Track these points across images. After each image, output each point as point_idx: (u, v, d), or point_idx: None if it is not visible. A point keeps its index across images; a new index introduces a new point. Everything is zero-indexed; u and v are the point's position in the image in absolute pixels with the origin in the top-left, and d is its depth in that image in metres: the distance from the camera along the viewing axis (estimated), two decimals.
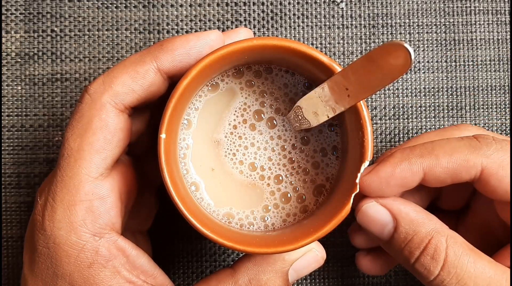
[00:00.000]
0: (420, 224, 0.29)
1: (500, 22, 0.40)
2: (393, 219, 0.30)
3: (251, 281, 0.30)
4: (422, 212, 0.30)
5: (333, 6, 0.39)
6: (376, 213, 0.30)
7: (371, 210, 0.30)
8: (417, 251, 0.29)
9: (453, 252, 0.28)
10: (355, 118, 0.29)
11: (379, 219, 0.30)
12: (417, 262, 0.29)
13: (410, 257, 0.29)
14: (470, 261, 0.28)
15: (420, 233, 0.29)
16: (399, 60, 0.25)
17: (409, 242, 0.29)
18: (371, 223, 0.30)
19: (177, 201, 0.28)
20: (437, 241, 0.29)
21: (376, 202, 0.30)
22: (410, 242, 0.29)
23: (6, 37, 0.39)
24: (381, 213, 0.30)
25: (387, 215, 0.30)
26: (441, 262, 0.28)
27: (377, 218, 0.30)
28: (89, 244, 0.27)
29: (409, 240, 0.29)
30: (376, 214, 0.30)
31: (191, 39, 0.29)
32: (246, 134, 0.32)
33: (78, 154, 0.28)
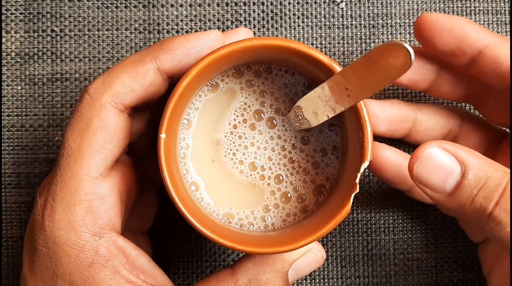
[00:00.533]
0: (491, 167, 0.26)
1: (500, 22, 0.40)
2: (460, 165, 0.26)
3: (250, 281, 0.30)
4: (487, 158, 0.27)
5: (333, 6, 0.39)
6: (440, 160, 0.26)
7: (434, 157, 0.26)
8: (496, 195, 0.25)
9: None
10: (355, 118, 0.29)
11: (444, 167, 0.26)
12: (497, 206, 0.25)
13: (486, 204, 0.25)
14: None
15: (494, 175, 0.26)
16: (399, 60, 0.25)
17: (483, 187, 0.26)
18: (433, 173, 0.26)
19: (177, 201, 0.28)
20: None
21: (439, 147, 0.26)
22: (484, 187, 0.26)
23: (6, 37, 0.39)
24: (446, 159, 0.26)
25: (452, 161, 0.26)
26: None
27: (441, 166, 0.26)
28: (89, 244, 0.27)
29: (482, 184, 0.26)
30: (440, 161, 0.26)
31: (191, 39, 0.29)
32: (246, 133, 0.32)
33: (78, 154, 0.28)
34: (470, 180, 0.26)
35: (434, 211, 0.39)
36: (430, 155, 0.27)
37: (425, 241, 0.39)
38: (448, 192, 0.27)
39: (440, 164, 0.26)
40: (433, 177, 0.27)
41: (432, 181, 0.27)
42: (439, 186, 0.27)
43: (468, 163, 0.26)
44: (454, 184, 0.26)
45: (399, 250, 0.39)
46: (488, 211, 0.26)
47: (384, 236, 0.39)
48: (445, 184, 0.26)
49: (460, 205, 0.27)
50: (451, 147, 0.27)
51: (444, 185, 0.27)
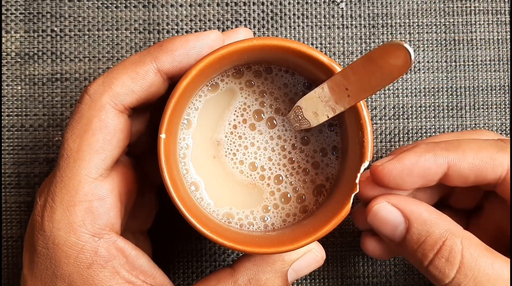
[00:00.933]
0: (434, 225, 0.28)
1: (500, 22, 0.40)
2: (405, 220, 0.29)
3: (250, 281, 0.30)
4: (435, 212, 0.29)
5: (333, 6, 0.39)
6: (388, 214, 0.29)
7: (382, 211, 0.29)
8: (431, 253, 0.28)
9: (469, 254, 0.27)
10: (355, 118, 0.29)
11: (391, 220, 0.29)
12: (431, 264, 0.28)
13: (423, 260, 0.28)
14: (488, 263, 0.27)
15: (434, 234, 0.28)
16: (399, 60, 0.25)
17: (422, 244, 0.28)
18: (383, 224, 0.29)
19: (177, 201, 0.28)
20: (452, 242, 0.28)
21: (388, 202, 0.29)
22: (423, 244, 0.28)
23: (6, 37, 0.39)
24: (393, 214, 0.29)
25: (398, 215, 0.29)
26: (457, 264, 0.27)
27: (389, 219, 0.29)
28: (89, 245, 0.27)
29: (422, 241, 0.28)
30: (388, 214, 0.29)
31: (191, 39, 0.29)
32: (246, 133, 0.32)
33: (77, 155, 0.28)
34: (412, 236, 0.28)
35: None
36: (379, 209, 0.29)
37: None
38: (397, 242, 0.29)
39: (388, 218, 0.29)
40: (383, 228, 0.29)
41: (383, 232, 0.29)
42: (389, 236, 0.29)
43: (412, 219, 0.28)
44: (401, 237, 0.29)
45: None
46: (424, 265, 0.28)
47: None
48: (394, 235, 0.29)
49: (406, 254, 0.29)
50: (400, 201, 0.29)
51: (393, 236, 0.29)
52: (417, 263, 0.29)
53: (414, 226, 0.28)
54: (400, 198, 0.29)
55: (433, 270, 0.28)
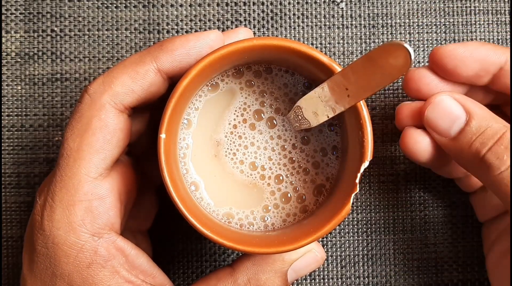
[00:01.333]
0: (493, 120, 0.29)
1: (500, 22, 0.40)
2: (466, 113, 0.29)
3: (250, 281, 0.30)
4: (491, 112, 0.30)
5: (333, 6, 0.39)
6: (450, 106, 0.30)
7: (444, 103, 0.30)
8: (491, 141, 0.28)
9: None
10: (355, 118, 0.29)
11: (451, 113, 0.30)
12: (490, 151, 0.28)
13: (481, 148, 0.29)
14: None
15: (493, 126, 0.29)
16: (399, 60, 0.25)
17: (482, 134, 0.29)
18: (442, 118, 0.30)
19: (177, 201, 0.28)
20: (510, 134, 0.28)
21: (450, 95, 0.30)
22: (483, 134, 0.29)
23: (6, 37, 0.39)
24: (454, 106, 0.30)
25: (460, 108, 0.30)
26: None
27: (450, 111, 0.30)
28: (88, 244, 0.27)
29: (482, 132, 0.29)
30: (449, 107, 0.30)
31: (191, 39, 0.29)
32: (246, 133, 0.32)
33: (77, 154, 0.28)
34: (472, 127, 0.29)
35: (434, 211, 0.39)
36: (441, 102, 0.30)
37: (425, 241, 0.39)
38: (452, 136, 0.30)
39: (449, 111, 0.30)
40: (441, 122, 0.30)
41: (440, 125, 0.30)
42: (445, 130, 0.30)
43: (473, 113, 0.29)
44: (458, 130, 0.30)
45: (399, 250, 0.39)
46: (481, 154, 0.29)
47: (384, 236, 0.39)
48: (451, 129, 0.30)
49: (459, 149, 0.30)
50: (461, 97, 0.30)
51: (449, 130, 0.30)
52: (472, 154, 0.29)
53: (475, 119, 0.29)
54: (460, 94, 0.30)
55: (491, 156, 0.28)
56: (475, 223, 0.39)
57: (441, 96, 0.30)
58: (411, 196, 0.39)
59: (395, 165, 0.39)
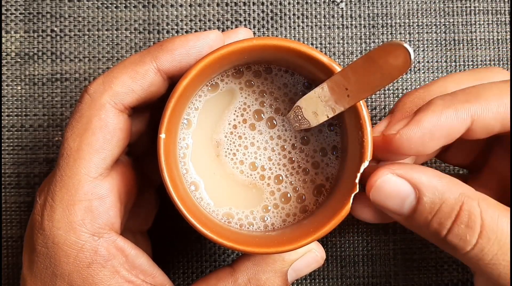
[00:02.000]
0: (447, 190, 0.26)
1: (500, 22, 0.40)
2: (415, 190, 0.26)
3: (250, 280, 0.30)
4: (444, 177, 0.26)
5: (333, 6, 0.39)
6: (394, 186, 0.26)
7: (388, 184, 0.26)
8: (449, 221, 0.26)
9: (489, 216, 0.25)
10: (355, 118, 0.29)
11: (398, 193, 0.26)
12: (450, 233, 0.26)
13: (440, 229, 0.26)
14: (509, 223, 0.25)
15: (449, 200, 0.26)
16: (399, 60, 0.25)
17: (437, 213, 0.26)
18: (388, 199, 0.27)
19: (177, 201, 0.28)
20: (470, 206, 0.25)
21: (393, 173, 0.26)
22: (438, 213, 0.26)
23: (6, 37, 0.39)
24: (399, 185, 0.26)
25: (406, 186, 0.26)
26: (478, 229, 0.25)
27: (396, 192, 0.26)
28: (88, 244, 0.27)
29: (436, 210, 0.26)
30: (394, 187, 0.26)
31: (191, 39, 0.29)
32: (246, 133, 0.32)
33: (77, 154, 0.28)
34: (424, 206, 0.26)
35: None
36: (384, 183, 0.27)
37: (425, 241, 0.39)
38: (406, 216, 0.27)
39: (395, 191, 0.27)
40: (389, 203, 0.27)
41: (389, 206, 0.27)
42: (397, 210, 0.27)
43: (422, 188, 0.26)
44: (410, 209, 0.27)
45: (399, 250, 0.39)
46: (442, 236, 0.26)
47: (384, 236, 0.39)
48: (402, 208, 0.27)
49: (418, 228, 0.27)
50: (406, 171, 0.27)
51: (400, 209, 0.27)
52: (432, 235, 0.27)
53: (426, 195, 0.26)
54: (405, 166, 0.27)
55: (453, 239, 0.26)
56: None
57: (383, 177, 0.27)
58: None
59: None
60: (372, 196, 0.27)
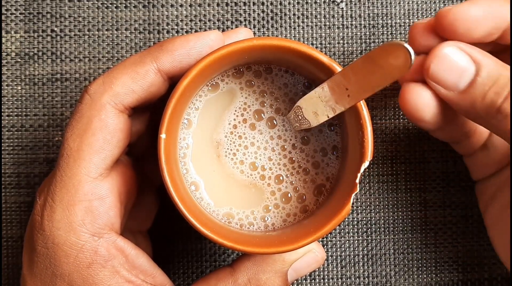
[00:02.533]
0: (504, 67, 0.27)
1: None
2: (474, 64, 0.28)
3: (250, 280, 0.30)
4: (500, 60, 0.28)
5: (333, 6, 0.39)
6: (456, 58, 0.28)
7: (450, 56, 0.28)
8: (506, 90, 0.27)
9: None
10: (355, 118, 0.29)
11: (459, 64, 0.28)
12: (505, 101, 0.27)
13: (496, 98, 0.27)
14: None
15: (505, 74, 0.27)
16: (399, 60, 0.25)
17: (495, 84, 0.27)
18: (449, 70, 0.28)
19: (177, 201, 0.28)
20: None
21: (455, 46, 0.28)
22: (496, 83, 0.27)
23: (6, 37, 0.39)
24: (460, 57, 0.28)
25: (467, 59, 0.28)
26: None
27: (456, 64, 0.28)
28: (88, 244, 0.27)
29: (495, 81, 0.27)
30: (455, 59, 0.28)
31: (191, 39, 0.29)
32: (246, 133, 0.32)
33: (77, 154, 0.28)
34: (483, 78, 0.27)
35: (434, 211, 0.39)
36: (447, 54, 0.28)
37: (425, 241, 0.39)
38: (461, 90, 0.28)
39: (456, 63, 0.28)
40: (447, 76, 0.28)
41: (446, 79, 0.28)
42: (452, 84, 0.28)
43: (482, 63, 0.28)
44: (468, 82, 0.28)
45: (399, 250, 0.39)
46: (497, 104, 0.27)
47: (384, 236, 0.39)
48: (459, 82, 0.28)
49: (471, 101, 0.28)
50: (467, 47, 0.28)
51: (457, 83, 0.28)
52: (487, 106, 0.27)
53: (485, 69, 0.27)
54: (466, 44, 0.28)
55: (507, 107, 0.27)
56: (475, 223, 0.39)
57: (446, 48, 0.28)
58: (411, 196, 0.39)
59: (395, 165, 0.39)
60: (432, 67, 0.28)
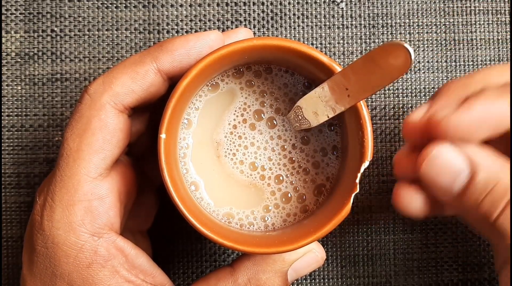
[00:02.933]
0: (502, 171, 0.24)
1: (500, 22, 0.40)
2: (469, 166, 0.25)
3: (250, 280, 0.30)
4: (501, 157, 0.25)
5: (333, 6, 0.39)
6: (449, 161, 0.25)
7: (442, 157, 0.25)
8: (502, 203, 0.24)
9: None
10: (355, 118, 0.29)
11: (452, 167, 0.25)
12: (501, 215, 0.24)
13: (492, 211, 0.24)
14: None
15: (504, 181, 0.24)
16: (399, 60, 0.25)
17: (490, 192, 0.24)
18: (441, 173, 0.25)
19: (177, 201, 0.28)
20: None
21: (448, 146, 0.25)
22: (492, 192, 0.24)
23: (6, 37, 0.39)
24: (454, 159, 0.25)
25: (461, 161, 0.25)
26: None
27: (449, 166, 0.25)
28: (88, 244, 0.27)
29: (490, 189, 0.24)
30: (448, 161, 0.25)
31: (191, 39, 0.29)
32: (246, 133, 0.32)
33: (77, 154, 0.28)
34: (478, 184, 0.25)
35: None
36: (439, 154, 0.25)
37: (425, 241, 0.39)
38: (455, 194, 0.25)
39: (449, 165, 0.25)
40: (440, 179, 0.25)
41: (439, 182, 0.26)
42: (446, 188, 0.26)
43: (478, 165, 0.25)
44: (461, 186, 0.25)
45: (399, 250, 0.39)
46: (492, 218, 0.25)
47: (384, 236, 0.39)
48: (453, 185, 0.25)
49: (466, 208, 0.26)
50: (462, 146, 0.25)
51: (451, 187, 0.25)
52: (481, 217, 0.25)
53: (481, 173, 0.24)
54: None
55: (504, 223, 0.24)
56: None
57: (439, 148, 0.25)
58: None
59: None
60: (423, 169, 0.26)
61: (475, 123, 0.24)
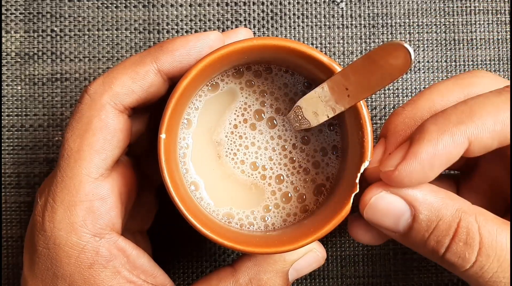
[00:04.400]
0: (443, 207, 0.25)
1: (500, 22, 0.40)
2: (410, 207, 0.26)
3: (251, 280, 0.30)
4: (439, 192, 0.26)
5: (333, 6, 0.39)
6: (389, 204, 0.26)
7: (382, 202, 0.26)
8: (447, 239, 0.25)
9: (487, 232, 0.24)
10: (355, 118, 0.29)
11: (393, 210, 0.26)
12: (448, 251, 0.25)
13: (438, 248, 0.25)
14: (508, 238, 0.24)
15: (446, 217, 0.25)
16: (399, 60, 0.25)
17: (434, 231, 0.25)
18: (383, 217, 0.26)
19: (177, 201, 0.28)
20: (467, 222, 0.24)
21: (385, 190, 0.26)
22: (435, 230, 0.25)
23: (6, 37, 0.39)
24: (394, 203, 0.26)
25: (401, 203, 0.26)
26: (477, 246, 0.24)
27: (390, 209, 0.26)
28: (90, 245, 0.27)
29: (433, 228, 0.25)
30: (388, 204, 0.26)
31: (191, 39, 0.29)
32: (246, 133, 0.32)
33: (78, 155, 0.28)
34: (420, 224, 0.25)
35: None
36: (378, 200, 0.26)
37: None
38: (402, 234, 0.26)
39: (390, 208, 0.26)
40: (384, 221, 0.26)
41: (384, 224, 0.26)
42: (392, 228, 0.26)
43: (418, 205, 0.26)
44: (406, 226, 0.26)
45: (399, 250, 0.39)
46: (440, 254, 0.26)
47: None
48: (398, 226, 0.26)
49: (415, 244, 0.26)
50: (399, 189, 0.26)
51: (397, 227, 0.26)
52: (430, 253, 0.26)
53: (422, 213, 0.25)
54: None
55: (452, 257, 0.25)
56: None
57: (376, 195, 0.26)
58: None
59: None
60: (366, 214, 0.27)
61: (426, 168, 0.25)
